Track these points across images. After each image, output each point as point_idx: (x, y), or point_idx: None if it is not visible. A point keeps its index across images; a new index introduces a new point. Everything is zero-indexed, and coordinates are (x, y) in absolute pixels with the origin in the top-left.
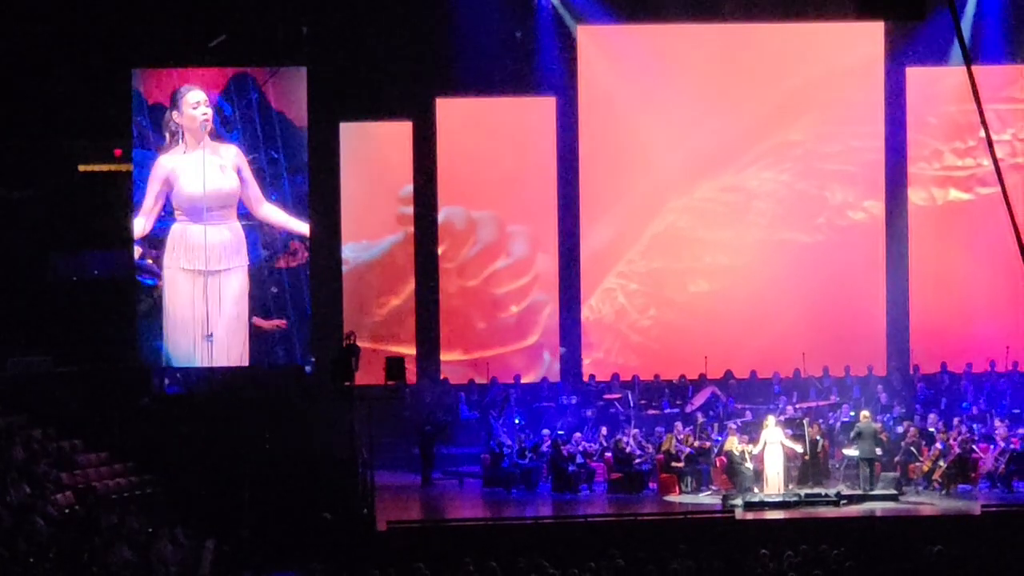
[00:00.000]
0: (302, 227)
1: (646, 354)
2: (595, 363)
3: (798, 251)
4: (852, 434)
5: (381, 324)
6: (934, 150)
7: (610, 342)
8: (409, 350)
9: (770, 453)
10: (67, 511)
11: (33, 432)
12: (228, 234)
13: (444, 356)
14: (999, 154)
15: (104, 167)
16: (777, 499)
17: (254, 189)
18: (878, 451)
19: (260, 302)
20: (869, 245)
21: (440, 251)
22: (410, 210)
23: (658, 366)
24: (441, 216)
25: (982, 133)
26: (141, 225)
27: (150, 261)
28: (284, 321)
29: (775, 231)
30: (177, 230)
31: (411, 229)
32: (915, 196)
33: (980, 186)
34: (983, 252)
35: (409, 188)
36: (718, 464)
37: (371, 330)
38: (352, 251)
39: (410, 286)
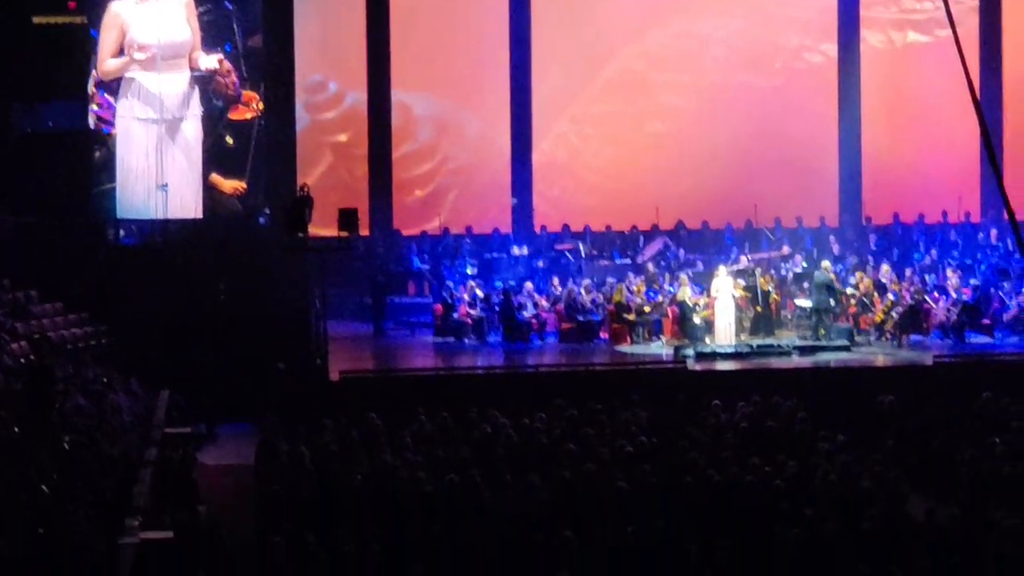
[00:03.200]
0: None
1: (600, 194)
2: (549, 203)
3: (753, 95)
4: (807, 284)
5: None
6: None
7: (564, 182)
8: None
9: (721, 304)
10: (22, 360)
11: None
12: (182, 84)
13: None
14: None
15: (58, 19)
16: (729, 350)
17: (196, 39)
18: (831, 302)
19: (215, 154)
20: (824, 92)
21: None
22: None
23: (610, 216)
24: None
25: None
26: (116, 64)
27: (96, 107)
28: (243, 183)
29: (731, 74)
30: (130, 79)
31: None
32: (872, 39)
33: (939, 28)
34: (937, 101)
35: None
36: (670, 314)
37: None
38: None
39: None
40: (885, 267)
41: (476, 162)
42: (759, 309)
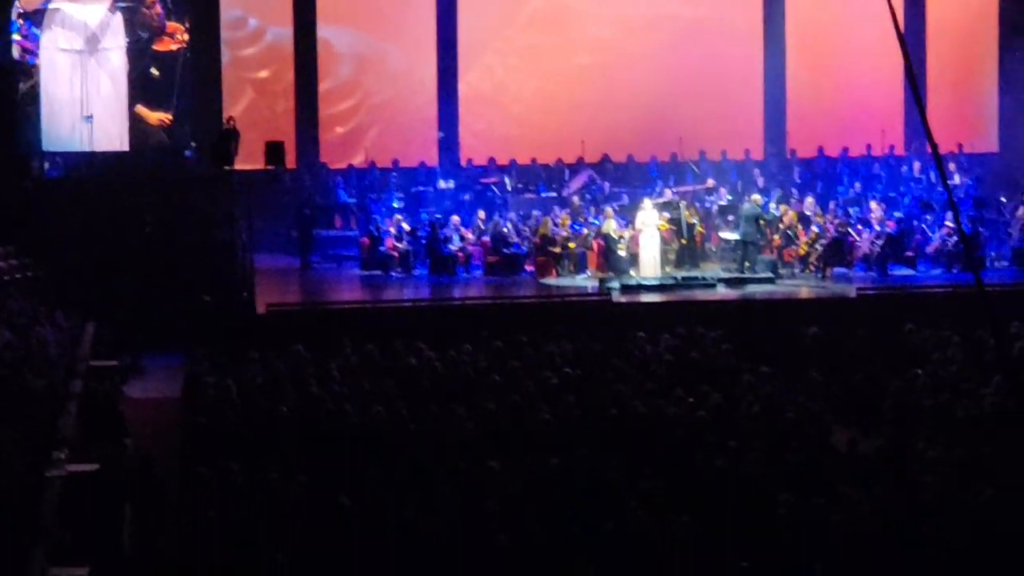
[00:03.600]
0: None
1: (526, 126)
2: (475, 136)
3: (679, 27)
4: (732, 217)
5: None
6: None
7: (490, 115)
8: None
9: (646, 236)
10: None
11: None
12: (105, 13)
13: None
14: None
15: None
16: (654, 282)
17: None
18: (758, 234)
19: (141, 85)
20: (749, 24)
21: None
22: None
23: (535, 150)
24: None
25: None
26: None
27: (21, 38)
28: (169, 115)
29: (657, 6)
30: (54, 9)
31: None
32: None
33: None
34: (862, 34)
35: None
36: (595, 247)
37: None
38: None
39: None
40: (809, 200)
41: (400, 96)
42: (684, 242)
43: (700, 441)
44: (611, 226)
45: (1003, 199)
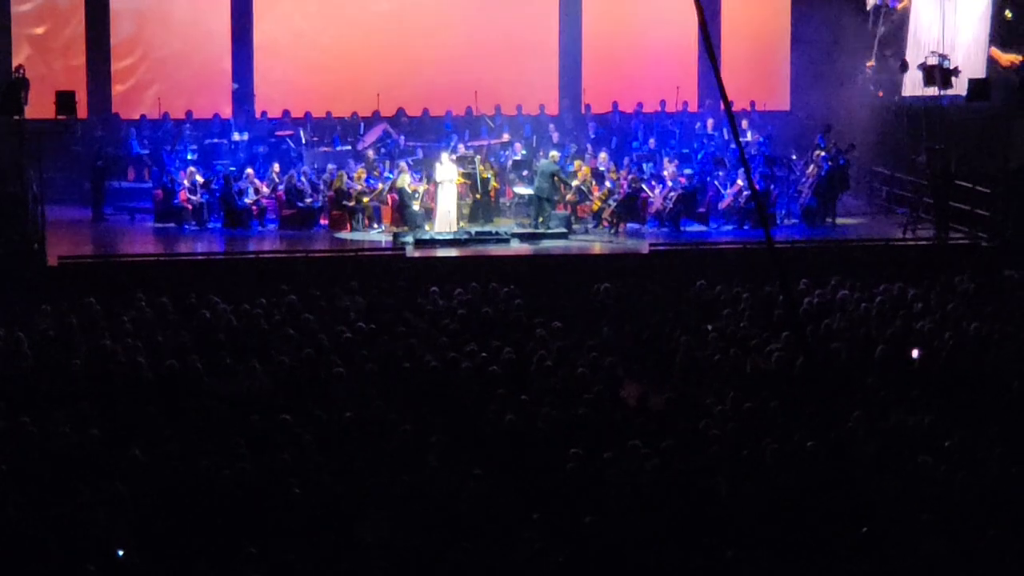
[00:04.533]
0: None
1: (323, 77)
2: (271, 86)
3: None
4: (526, 172)
5: None
6: None
7: (286, 65)
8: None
9: (442, 191)
10: None
11: None
12: None
13: None
14: None
15: None
16: (448, 236)
17: None
18: (551, 190)
19: None
20: None
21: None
22: None
23: (331, 103)
24: None
25: None
26: None
27: None
28: None
29: None
30: None
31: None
32: None
33: None
34: None
35: None
36: (389, 202)
37: None
38: None
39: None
40: (603, 155)
41: (189, 49)
42: (478, 196)
43: (492, 395)
44: (406, 180)
45: (794, 157)
